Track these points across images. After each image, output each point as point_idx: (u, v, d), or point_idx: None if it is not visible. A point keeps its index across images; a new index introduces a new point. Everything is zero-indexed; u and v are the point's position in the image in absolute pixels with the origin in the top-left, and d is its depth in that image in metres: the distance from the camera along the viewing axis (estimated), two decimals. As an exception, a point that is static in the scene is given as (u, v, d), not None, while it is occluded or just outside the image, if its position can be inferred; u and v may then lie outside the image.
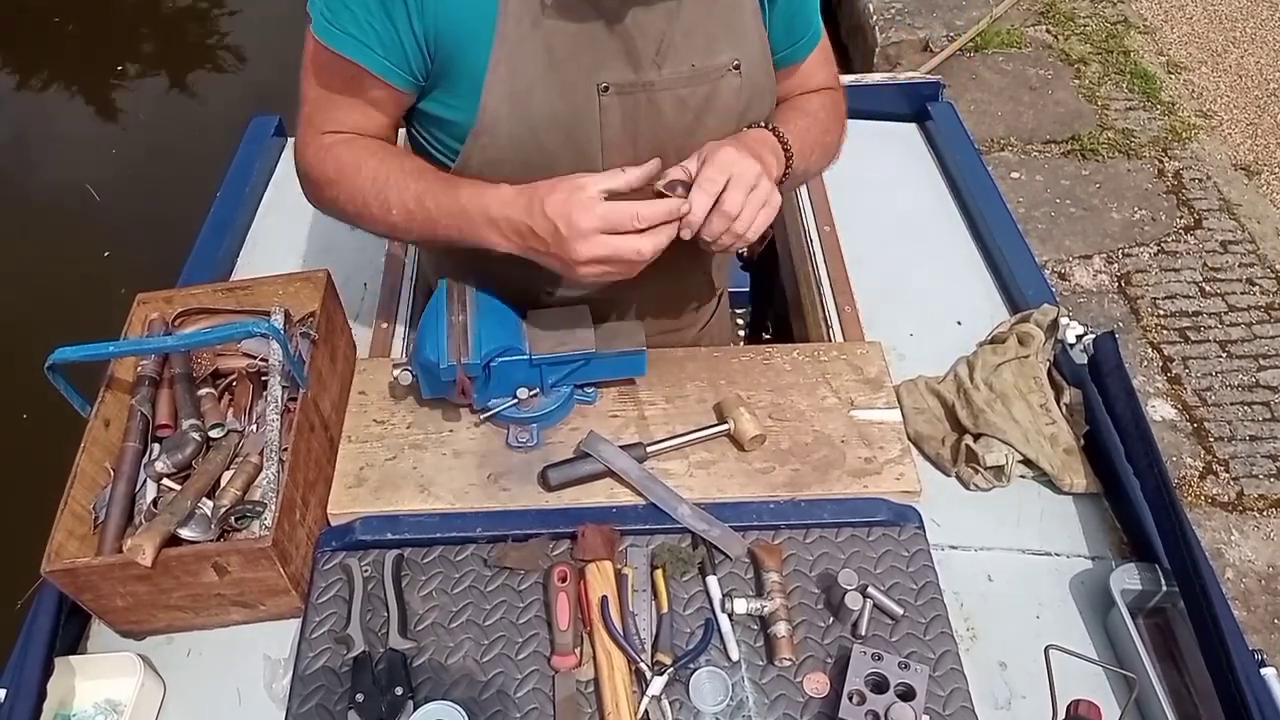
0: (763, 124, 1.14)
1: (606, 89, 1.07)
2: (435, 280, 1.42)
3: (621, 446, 1.19)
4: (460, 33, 1.02)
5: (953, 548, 1.19)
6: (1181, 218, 3.32)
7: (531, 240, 1.03)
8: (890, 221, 1.66)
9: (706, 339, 1.51)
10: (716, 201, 1.01)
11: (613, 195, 1.01)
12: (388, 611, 1.08)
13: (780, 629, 1.04)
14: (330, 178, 1.11)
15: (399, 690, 1.01)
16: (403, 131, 1.22)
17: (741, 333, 2.32)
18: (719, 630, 1.06)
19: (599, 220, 0.99)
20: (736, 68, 1.11)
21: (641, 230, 1.00)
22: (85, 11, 5.07)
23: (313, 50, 1.07)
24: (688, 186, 1.02)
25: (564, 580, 1.07)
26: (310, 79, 1.10)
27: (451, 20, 1.02)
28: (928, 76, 1.97)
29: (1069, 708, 0.93)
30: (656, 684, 1.00)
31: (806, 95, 1.27)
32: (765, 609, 1.06)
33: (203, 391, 1.22)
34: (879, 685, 0.98)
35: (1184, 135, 3.64)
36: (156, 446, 1.16)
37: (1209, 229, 3.28)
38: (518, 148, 1.09)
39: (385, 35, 1.02)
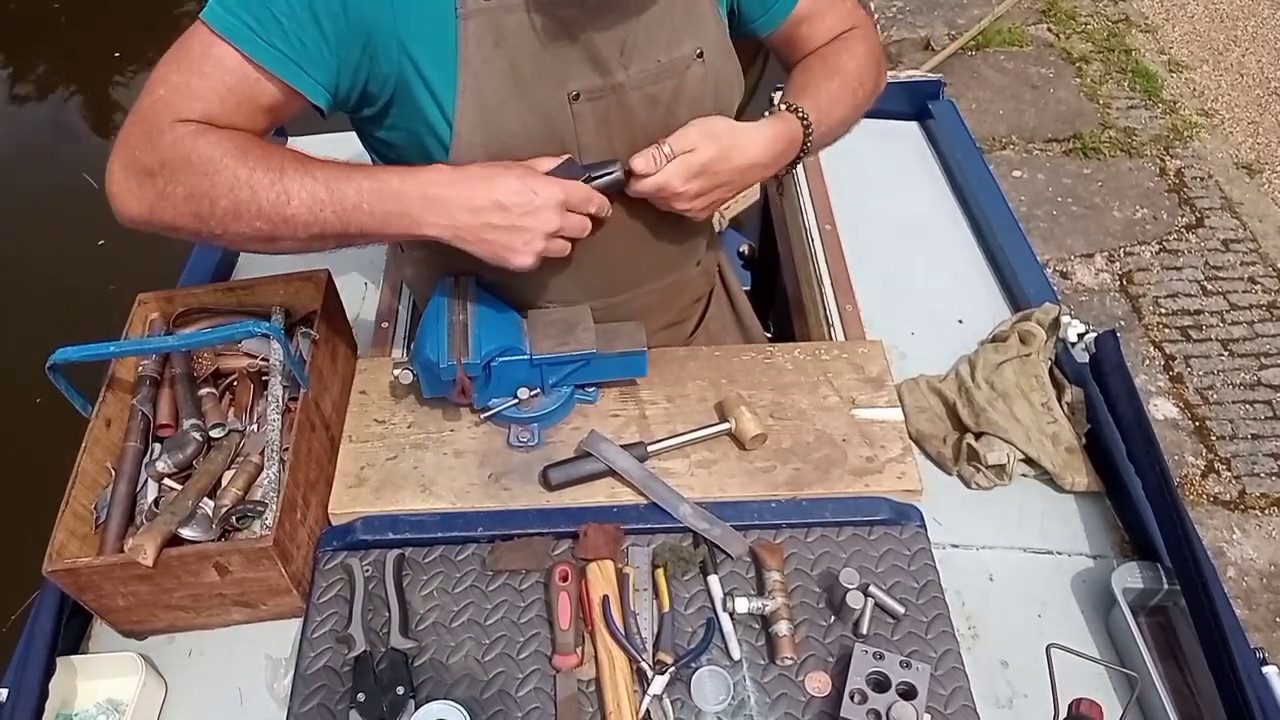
0: (790, 106, 1.15)
1: (577, 97, 1.07)
2: (417, 291, 1.42)
3: (623, 446, 1.19)
4: (423, 66, 1.01)
5: (954, 546, 1.19)
6: (1183, 216, 3.32)
7: (490, 215, 1.00)
8: (891, 220, 1.66)
9: (705, 334, 1.51)
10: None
11: None
12: (389, 611, 1.08)
13: (782, 628, 1.04)
14: (200, 167, 0.95)
15: (400, 690, 1.01)
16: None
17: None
18: (720, 629, 1.06)
19: (568, 195, 1.04)
20: (699, 56, 1.12)
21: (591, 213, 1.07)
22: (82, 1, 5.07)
23: (203, 42, 0.96)
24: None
25: (565, 580, 1.07)
26: (187, 67, 0.97)
27: (413, 56, 1.00)
28: (929, 75, 1.97)
29: (1071, 706, 0.93)
30: (658, 683, 1.00)
31: (834, 46, 1.24)
32: (767, 608, 1.06)
33: (204, 391, 1.22)
34: (880, 684, 0.98)
35: (1185, 134, 3.63)
36: (158, 446, 1.17)
37: (1210, 227, 3.27)
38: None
39: (314, 46, 0.96)
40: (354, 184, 0.98)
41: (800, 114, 1.15)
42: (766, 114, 1.16)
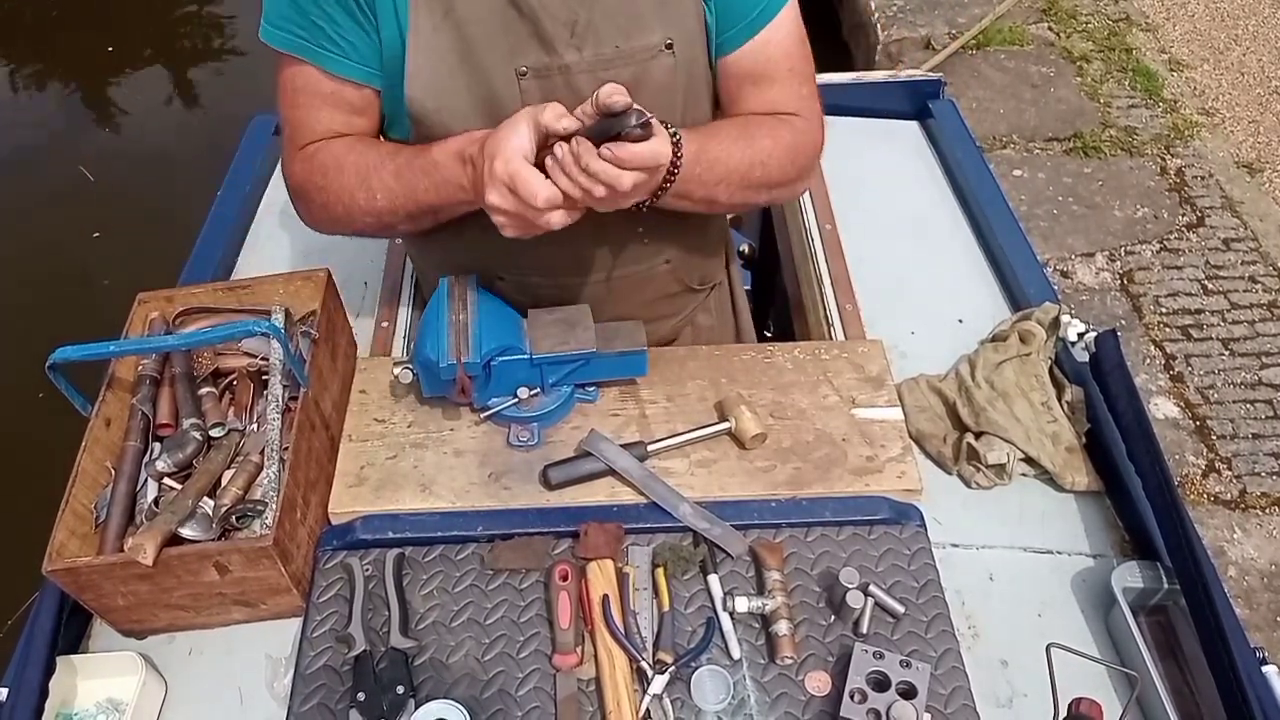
0: (664, 123, 1.01)
1: (524, 73, 1.07)
2: (427, 286, 1.42)
3: (622, 445, 1.19)
4: (381, 27, 1.04)
5: (954, 546, 1.19)
6: (1184, 215, 3.32)
7: (474, 173, 1.02)
8: (892, 219, 1.66)
9: (690, 333, 1.50)
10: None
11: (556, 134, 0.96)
12: (389, 610, 1.08)
13: (782, 627, 1.04)
14: (318, 183, 1.12)
15: (400, 689, 1.01)
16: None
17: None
18: (720, 629, 1.06)
19: (506, 176, 0.96)
20: (669, 47, 1.09)
21: (539, 209, 0.96)
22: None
23: (286, 73, 1.10)
24: (641, 121, 0.93)
25: (565, 579, 1.07)
26: (288, 104, 1.12)
27: (377, 16, 1.04)
28: (929, 74, 1.97)
29: (1070, 706, 0.93)
30: (658, 683, 1.00)
31: (765, 121, 1.15)
32: (767, 607, 1.06)
33: (204, 390, 1.22)
34: (880, 683, 0.98)
35: (1186, 133, 3.63)
36: (157, 446, 1.17)
37: (1211, 227, 3.27)
38: (446, 134, 1.08)
39: (359, 41, 1.05)
40: (413, 167, 1.08)
41: (674, 138, 1.02)
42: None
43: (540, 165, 0.98)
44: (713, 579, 1.10)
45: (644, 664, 1.02)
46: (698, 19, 1.11)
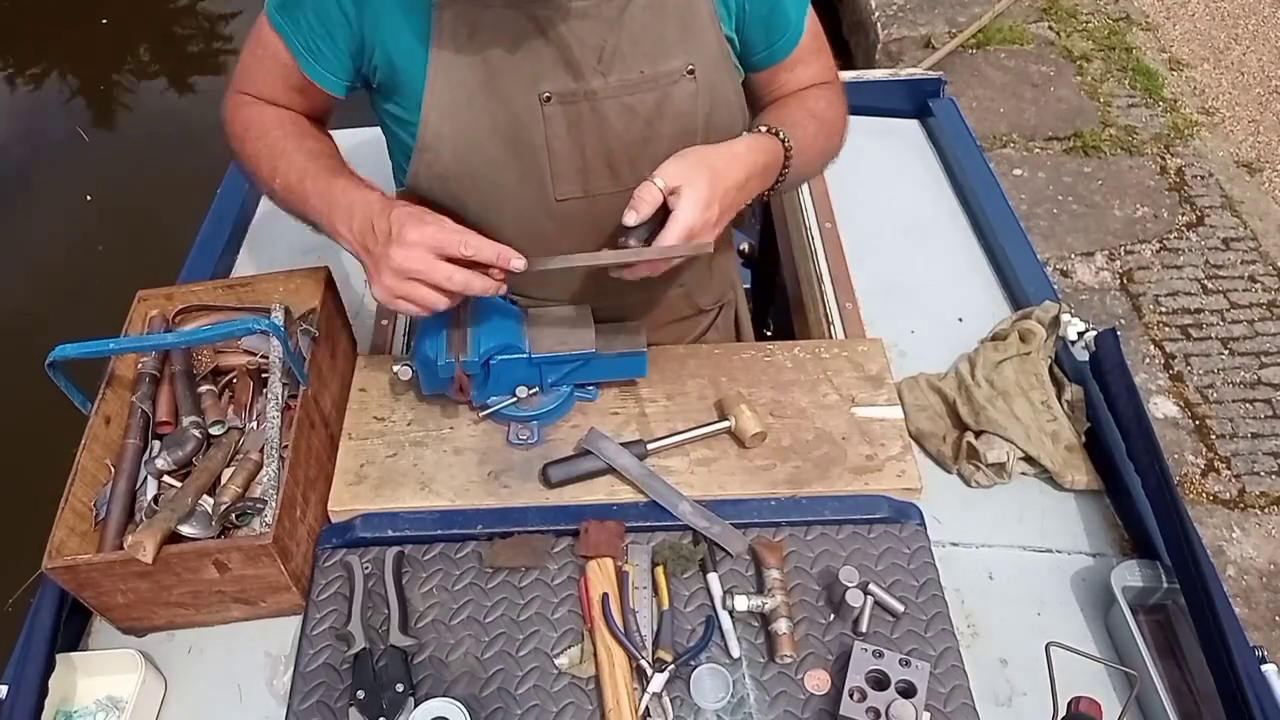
0: (769, 129, 1.11)
1: (549, 98, 1.07)
2: None
3: (622, 444, 1.19)
4: (398, 50, 1.05)
5: (954, 545, 1.19)
6: (1183, 215, 3.32)
7: (367, 237, 1.02)
8: (892, 218, 1.66)
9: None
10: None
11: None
12: (388, 608, 1.08)
13: (781, 626, 1.04)
14: (238, 133, 1.16)
15: (400, 687, 1.01)
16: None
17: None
18: (720, 627, 1.06)
19: (429, 236, 0.99)
20: (690, 72, 1.10)
21: (465, 260, 1.00)
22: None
23: (262, 30, 1.12)
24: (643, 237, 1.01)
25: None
26: (249, 49, 1.16)
27: (390, 39, 1.05)
28: (929, 73, 1.97)
29: (1070, 705, 0.93)
30: (657, 681, 1.00)
31: (811, 93, 1.23)
32: (766, 606, 1.06)
33: (203, 388, 1.22)
34: (880, 682, 0.98)
35: (1186, 132, 3.63)
36: (157, 443, 1.17)
37: (1211, 226, 3.27)
38: (461, 160, 1.09)
39: (325, 47, 1.08)
40: (314, 181, 1.09)
41: (780, 136, 1.11)
42: (745, 132, 1.12)
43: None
44: (712, 577, 1.10)
45: (643, 662, 1.02)
46: (719, 44, 1.12)
